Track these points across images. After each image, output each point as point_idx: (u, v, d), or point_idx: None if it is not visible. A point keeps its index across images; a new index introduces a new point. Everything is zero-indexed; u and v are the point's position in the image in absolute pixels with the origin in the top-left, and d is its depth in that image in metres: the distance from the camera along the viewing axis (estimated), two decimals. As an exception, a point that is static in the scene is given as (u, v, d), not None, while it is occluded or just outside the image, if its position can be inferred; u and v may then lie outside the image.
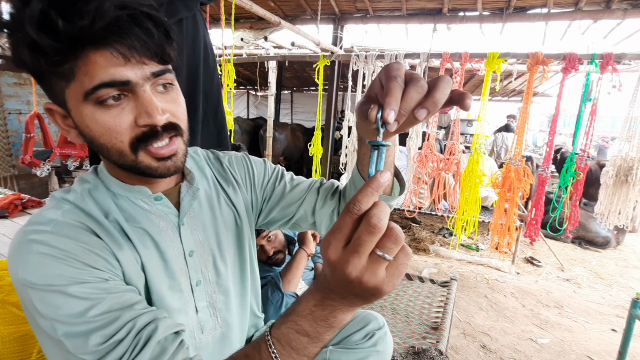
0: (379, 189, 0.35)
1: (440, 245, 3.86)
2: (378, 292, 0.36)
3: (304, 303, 0.42)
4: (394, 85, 0.39)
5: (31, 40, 0.44)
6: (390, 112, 0.38)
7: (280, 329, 0.43)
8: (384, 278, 0.35)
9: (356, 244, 0.34)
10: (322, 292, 0.40)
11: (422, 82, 0.40)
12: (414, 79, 0.40)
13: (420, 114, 0.40)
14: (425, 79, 0.41)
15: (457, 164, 3.30)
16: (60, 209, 0.55)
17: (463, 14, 3.13)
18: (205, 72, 1.13)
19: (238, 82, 7.52)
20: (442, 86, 0.40)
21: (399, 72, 0.40)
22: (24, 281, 0.48)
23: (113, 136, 0.51)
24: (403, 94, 0.39)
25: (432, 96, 0.40)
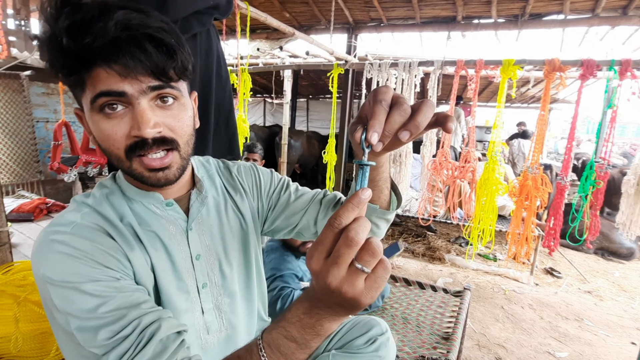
0: (360, 204, 0.37)
1: (456, 255, 3.79)
2: (357, 303, 0.38)
3: (294, 310, 0.44)
4: (378, 109, 0.42)
5: (48, 58, 0.51)
6: (374, 134, 0.41)
7: (271, 333, 0.45)
8: (362, 290, 0.37)
9: (335, 256, 0.36)
10: (311, 300, 0.42)
11: (405, 105, 0.43)
12: (398, 102, 0.43)
13: (403, 135, 0.43)
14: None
15: (473, 172, 3.26)
16: (80, 212, 0.60)
17: (477, 21, 3.12)
18: (218, 83, 1.18)
19: (255, 90, 7.67)
20: (424, 110, 0.43)
21: (385, 95, 0.43)
22: (44, 277, 0.52)
23: (111, 143, 0.55)
24: (387, 117, 0.42)
25: (414, 119, 0.43)
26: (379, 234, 0.73)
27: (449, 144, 3.26)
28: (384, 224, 0.70)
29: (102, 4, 0.49)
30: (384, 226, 0.71)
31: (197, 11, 1.04)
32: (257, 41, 3.81)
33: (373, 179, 0.62)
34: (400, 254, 3.69)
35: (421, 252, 3.80)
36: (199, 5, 1.04)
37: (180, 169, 0.60)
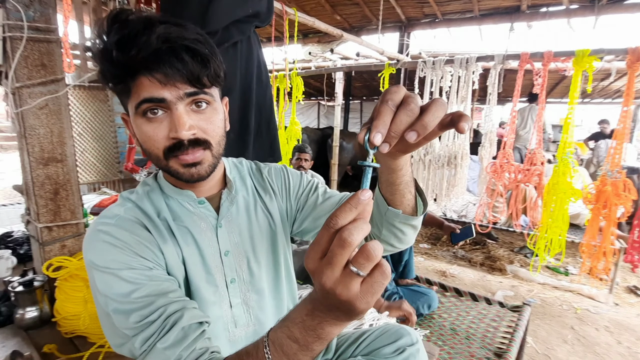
0: (358, 205, 0.36)
1: (520, 266, 3.47)
2: (352, 307, 0.36)
3: (297, 311, 0.44)
4: (384, 109, 0.40)
5: (100, 68, 0.58)
6: (377, 135, 0.39)
7: (276, 332, 0.45)
8: (357, 294, 0.36)
9: (329, 256, 0.35)
10: (313, 302, 0.41)
11: (413, 105, 0.40)
12: (405, 102, 0.40)
13: (409, 136, 0.40)
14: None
15: (540, 175, 2.95)
16: (124, 207, 0.67)
17: (546, 9, 2.82)
18: (259, 88, 1.23)
19: (309, 93, 7.83)
20: (432, 109, 0.40)
21: (394, 95, 0.41)
22: (90, 262, 0.60)
23: (152, 143, 0.60)
24: (393, 117, 0.40)
25: (422, 119, 0.40)
26: (405, 241, 0.69)
27: (511, 144, 3.00)
28: (409, 230, 0.67)
29: (146, 19, 0.55)
30: (410, 232, 0.67)
31: (237, 20, 1.09)
32: (309, 45, 3.88)
33: (393, 183, 0.59)
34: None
35: (479, 261, 3.55)
36: (239, 14, 1.09)
37: (211, 167, 0.64)
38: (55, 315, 1.47)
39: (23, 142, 1.44)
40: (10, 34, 1.35)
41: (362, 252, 0.35)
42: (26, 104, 1.41)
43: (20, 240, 2.29)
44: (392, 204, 0.62)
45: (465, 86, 3.15)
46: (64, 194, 1.55)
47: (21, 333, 1.45)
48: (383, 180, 0.60)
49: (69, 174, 1.56)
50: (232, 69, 1.13)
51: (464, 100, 3.18)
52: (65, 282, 1.47)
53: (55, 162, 1.52)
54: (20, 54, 1.37)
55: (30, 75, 1.42)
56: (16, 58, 1.36)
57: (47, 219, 1.53)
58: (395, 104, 0.40)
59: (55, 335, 1.45)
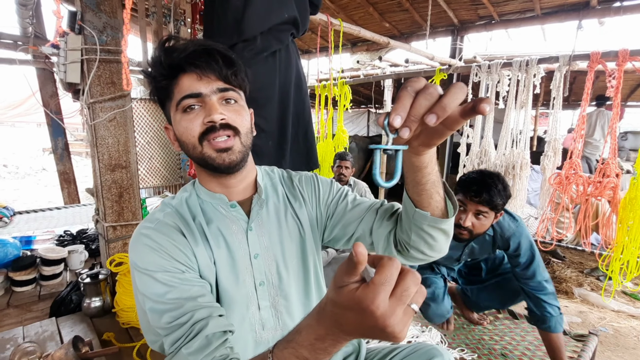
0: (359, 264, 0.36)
1: (590, 290, 3.08)
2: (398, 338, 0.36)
3: (304, 334, 0.43)
4: (403, 94, 0.42)
5: (151, 73, 0.69)
6: (396, 117, 0.40)
7: (282, 352, 0.46)
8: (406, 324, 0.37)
9: (404, 295, 0.35)
10: (328, 329, 0.41)
11: (432, 89, 0.41)
12: (425, 87, 0.42)
13: (429, 119, 0.41)
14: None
15: (614, 189, 2.62)
16: (164, 212, 0.73)
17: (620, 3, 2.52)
18: (298, 96, 1.25)
19: (358, 101, 7.82)
20: (452, 91, 0.41)
21: (414, 83, 0.42)
22: (133, 263, 0.66)
23: (189, 132, 0.66)
24: (413, 101, 0.41)
25: (441, 101, 0.41)
26: (436, 248, 0.66)
27: (578, 154, 2.70)
28: (440, 235, 0.63)
29: (188, 40, 0.69)
30: (440, 238, 0.64)
31: (274, 29, 1.13)
32: (358, 54, 3.89)
33: (419, 182, 0.57)
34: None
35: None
36: (274, 20, 1.13)
37: (241, 154, 0.69)
38: (115, 306, 1.63)
39: (94, 150, 1.63)
40: (87, 57, 1.55)
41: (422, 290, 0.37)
42: (98, 117, 1.60)
43: (92, 236, 2.58)
44: (419, 205, 0.61)
45: (525, 90, 2.92)
46: (127, 197, 1.73)
47: (87, 320, 1.63)
48: (409, 180, 0.59)
49: (132, 178, 1.73)
50: (271, 78, 1.17)
51: (523, 106, 2.94)
52: (124, 276, 1.62)
53: (120, 168, 1.69)
54: (94, 74, 1.56)
55: (102, 92, 1.61)
56: (91, 77, 1.56)
57: (112, 219, 1.71)
58: (414, 90, 0.42)
59: (114, 325, 1.61)
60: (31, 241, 2.55)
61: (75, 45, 1.54)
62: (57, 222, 3.36)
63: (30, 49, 3.02)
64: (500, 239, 1.49)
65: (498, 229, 1.50)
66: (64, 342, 1.43)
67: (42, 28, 3.24)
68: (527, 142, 3.02)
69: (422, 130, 0.46)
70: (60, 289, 1.90)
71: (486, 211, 1.34)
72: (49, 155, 8.47)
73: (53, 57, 1.57)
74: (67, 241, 2.52)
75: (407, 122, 0.41)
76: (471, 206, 1.34)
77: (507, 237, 1.48)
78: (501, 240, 1.49)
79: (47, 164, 8.63)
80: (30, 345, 1.26)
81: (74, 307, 1.70)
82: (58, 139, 3.76)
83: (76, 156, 8.47)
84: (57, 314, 1.67)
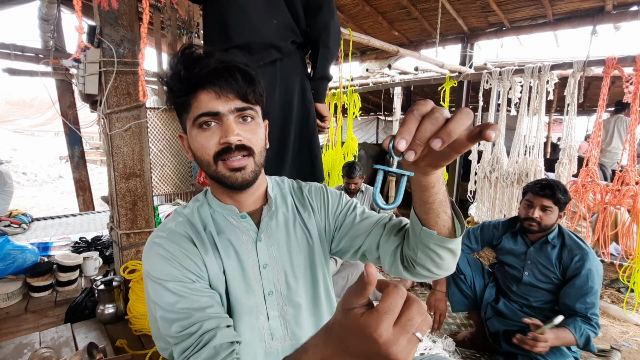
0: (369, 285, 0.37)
1: (610, 302, 2.98)
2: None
3: (311, 353, 0.43)
4: (409, 118, 0.42)
5: (169, 85, 0.68)
6: (401, 141, 0.41)
7: None
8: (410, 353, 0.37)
9: (408, 324, 0.36)
10: (334, 351, 0.41)
11: (438, 114, 0.41)
12: (431, 112, 0.42)
13: (434, 143, 0.41)
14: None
15: (634, 197, 2.54)
16: (176, 221, 0.75)
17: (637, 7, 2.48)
18: (302, 106, 1.25)
19: (368, 109, 7.83)
20: (458, 117, 0.41)
21: (420, 106, 0.42)
22: (146, 272, 0.68)
23: (204, 150, 0.67)
24: (419, 125, 0.41)
25: (446, 126, 0.41)
26: (443, 267, 0.65)
27: (595, 161, 2.64)
28: (447, 254, 0.63)
29: (208, 51, 0.67)
30: (447, 257, 0.63)
31: (268, 36, 1.14)
32: (367, 62, 3.91)
33: (426, 201, 0.57)
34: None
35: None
36: (263, 26, 1.13)
37: (254, 173, 0.70)
38: (128, 313, 1.65)
39: (110, 159, 1.67)
40: (105, 69, 1.60)
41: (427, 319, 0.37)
42: (115, 127, 1.65)
43: (106, 243, 2.63)
44: (426, 223, 0.60)
45: (538, 97, 2.88)
46: (141, 205, 1.76)
47: (100, 327, 1.65)
48: (416, 198, 0.59)
49: (145, 187, 1.77)
50: (271, 87, 1.17)
51: (536, 112, 2.90)
52: (137, 284, 1.64)
53: (135, 176, 1.73)
54: (111, 85, 1.60)
55: (119, 103, 1.65)
56: (108, 88, 1.60)
57: (126, 227, 1.74)
58: (421, 114, 0.42)
59: (127, 332, 1.63)
60: (48, 247, 2.61)
61: (94, 58, 1.59)
62: (72, 228, 3.43)
63: (51, 62, 3.13)
64: (568, 254, 1.54)
65: (568, 242, 1.56)
66: (78, 348, 1.45)
67: (62, 41, 3.37)
68: (541, 150, 2.96)
69: (428, 152, 0.46)
70: (75, 295, 1.93)
71: (550, 205, 1.54)
72: (66, 163, 8.70)
73: (72, 69, 1.63)
74: (82, 248, 2.57)
75: (413, 146, 0.41)
76: (537, 201, 1.56)
77: (575, 253, 1.52)
78: (568, 255, 1.54)
79: (64, 171, 8.87)
80: (47, 351, 1.28)
81: (88, 313, 1.73)
82: (75, 147, 3.87)
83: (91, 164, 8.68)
84: (72, 319, 1.70)
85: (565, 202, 1.56)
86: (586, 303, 1.43)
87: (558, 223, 1.62)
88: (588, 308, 1.43)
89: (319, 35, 1.26)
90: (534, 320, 1.43)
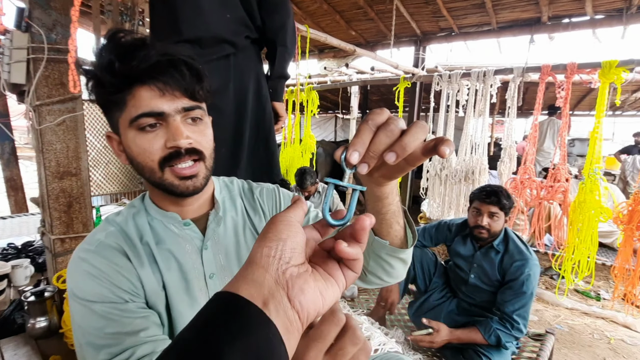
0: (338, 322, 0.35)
1: (545, 288, 3.27)
2: None
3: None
4: (363, 128, 0.39)
5: (97, 78, 0.59)
6: (354, 153, 0.38)
7: None
8: None
9: (340, 354, 0.34)
10: None
11: (393, 126, 0.39)
12: (386, 123, 0.40)
13: (388, 157, 0.39)
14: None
15: (564, 193, 2.80)
16: (106, 231, 0.66)
17: (568, 20, 2.73)
18: (257, 103, 1.22)
19: (326, 106, 7.88)
20: (412, 131, 0.39)
21: (375, 116, 0.40)
22: (70, 291, 0.60)
23: (147, 156, 0.59)
24: (373, 137, 0.39)
25: (401, 140, 0.39)
26: (394, 275, 0.65)
27: (532, 160, 2.87)
28: (398, 263, 0.63)
29: (144, 38, 0.59)
30: (398, 266, 0.64)
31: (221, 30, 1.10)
32: (325, 60, 3.92)
33: (379, 212, 0.56)
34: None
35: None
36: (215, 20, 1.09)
37: (205, 179, 0.64)
38: (63, 326, 1.50)
39: (40, 156, 1.51)
40: (34, 56, 1.43)
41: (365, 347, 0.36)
42: (45, 121, 1.48)
43: (39, 249, 2.38)
44: (378, 233, 0.59)
45: (483, 100, 3.07)
46: (77, 207, 1.60)
47: (31, 342, 1.48)
48: (369, 209, 0.57)
49: (83, 187, 1.61)
50: (224, 83, 1.13)
51: (481, 114, 3.09)
52: (73, 293, 1.50)
53: (70, 176, 1.57)
54: (40, 74, 1.44)
55: (50, 94, 1.49)
56: (37, 77, 1.44)
57: (60, 231, 1.58)
58: (376, 125, 0.40)
59: (62, 347, 1.48)
60: (-32, 256, 2.31)
61: (21, 43, 1.42)
62: (1, 233, 3.07)
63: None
64: (509, 260, 1.61)
65: (511, 248, 1.63)
66: (2, 368, 1.30)
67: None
68: (485, 148, 3.17)
69: (382, 163, 0.44)
70: (2, 308, 1.73)
71: (497, 211, 1.61)
72: (-6, 160, 7.78)
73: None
74: (11, 255, 2.30)
75: (366, 159, 0.39)
76: (484, 208, 1.63)
77: (515, 259, 1.59)
78: (509, 261, 1.61)
79: (-8, 170, 7.94)
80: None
81: (17, 328, 1.55)
82: (4, 142, 3.46)
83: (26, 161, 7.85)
84: None
85: (510, 207, 1.63)
86: (514, 306, 1.53)
87: (505, 227, 1.70)
88: (515, 311, 1.52)
89: (276, 34, 1.23)
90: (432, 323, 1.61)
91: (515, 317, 1.52)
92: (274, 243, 0.30)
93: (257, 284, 0.28)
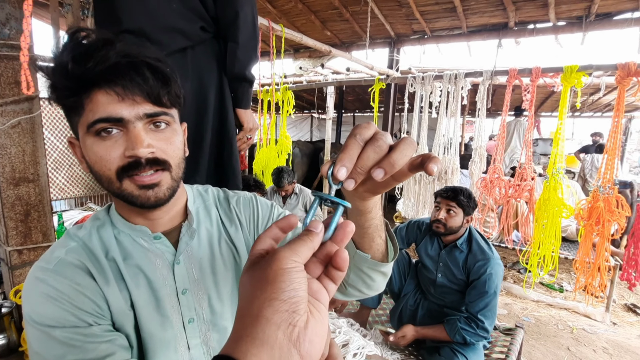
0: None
1: (513, 282, 3.42)
2: None
3: None
4: (351, 143, 0.38)
5: (51, 81, 0.53)
6: (342, 169, 0.37)
7: None
8: None
9: None
10: None
11: (381, 142, 0.38)
12: (374, 138, 0.39)
13: (376, 174, 0.38)
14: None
15: (530, 191, 2.93)
16: (66, 247, 0.60)
17: (533, 26, 2.85)
18: (220, 104, 1.15)
19: (302, 106, 7.85)
20: (401, 147, 0.38)
21: (363, 131, 0.39)
22: (27, 316, 0.54)
23: (103, 164, 0.55)
24: (361, 152, 0.38)
25: (389, 156, 0.38)
26: (374, 287, 0.64)
27: (500, 160, 2.99)
28: (379, 276, 0.62)
29: (105, 38, 0.53)
30: (379, 279, 0.63)
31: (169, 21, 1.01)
32: (301, 60, 3.89)
33: (362, 225, 0.54)
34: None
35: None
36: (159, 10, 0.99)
37: (171, 190, 0.59)
38: (22, 344, 1.39)
39: (-8, 162, 1.38)
40: (-18, 52, 1.31)
41: None
42: (-3, 122, 1.36)
43: (-6, 261, 2.20)
44: (360, 247, 0.58)
45: (455, 101, 3.15)
46: (36, 215, 1.49)
47: (-15, 364, 1.37)
48: (352, 222, 0.56)
49: (42, 194, 1.50)
50: (180, 79, 1.03)
51: (453, 115, 3.18)
52: (33, 309, 1.39)
53: (27, 182, 1.46)
54: (-9, 72, 1.32)
55: (3, 94, 1.37)
56: (-13, 76, 1.32)
57: (17, 242, 1.46)
58: (363, 140, 0.38)
59: (20, 366, 1.38)
60: None
61: (-33, 37, 1.30)
62: (-53, 243, 2.82)
63: None
64: (472, 259, 1.66)
65: (474, 248, 1.67)
66: (-50, 395, 1.18)
67: None
68: (457, 149, 3.26)
69: (368, 178, 0.43)
70: (-52, 327, 1.58)
71: (454, 206, 1.68)
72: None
73: None
74: (-40, 267, 2.12)
75: (353, 174, 0.38)
76: (443, 203, 1.70)
77: (478, 259, 1.63)
78: (472, 260, 1.66)
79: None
80: None
81: (-34, 349, 1.42)
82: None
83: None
84: (-55, 359, 1.38)
85: (469, 206, 1.69)
86: (479, 306, 1.57)
87: (468, 227, 1.75)
88: (479, 311, 1.57)
89: (227, 28, 1.10)
90: None
91: (480, 317, 1.56)
92: (287, 294, 0.29)
93: (269, 346, 0.27)
